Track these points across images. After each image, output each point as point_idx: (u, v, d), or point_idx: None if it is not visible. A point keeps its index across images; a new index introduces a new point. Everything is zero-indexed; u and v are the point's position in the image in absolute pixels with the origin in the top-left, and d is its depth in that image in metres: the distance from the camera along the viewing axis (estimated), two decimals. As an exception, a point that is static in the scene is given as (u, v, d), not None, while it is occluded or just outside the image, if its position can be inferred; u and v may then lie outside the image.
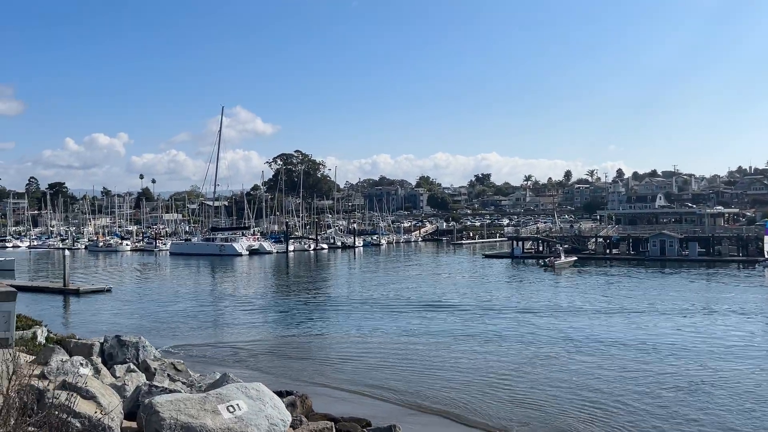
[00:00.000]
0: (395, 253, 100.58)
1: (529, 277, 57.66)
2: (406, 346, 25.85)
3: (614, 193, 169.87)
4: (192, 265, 79.07)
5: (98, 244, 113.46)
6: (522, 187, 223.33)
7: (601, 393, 18.58)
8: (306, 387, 18.21)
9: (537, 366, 22.09)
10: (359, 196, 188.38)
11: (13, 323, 8.80)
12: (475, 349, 24.92)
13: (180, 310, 38.61)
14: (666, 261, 69.50)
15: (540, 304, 38.52)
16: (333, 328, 30.88)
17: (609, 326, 30.28)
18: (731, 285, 48.75)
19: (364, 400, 18.23)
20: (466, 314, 34.34)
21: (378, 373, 21.34)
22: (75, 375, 8.60)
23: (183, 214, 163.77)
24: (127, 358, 11.75)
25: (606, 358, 23.27)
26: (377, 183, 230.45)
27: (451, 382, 19.87)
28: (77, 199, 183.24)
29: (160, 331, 30.43)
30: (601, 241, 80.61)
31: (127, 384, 9.64)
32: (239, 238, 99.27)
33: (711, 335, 27.77)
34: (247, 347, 26.24)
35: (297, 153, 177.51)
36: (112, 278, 60.67)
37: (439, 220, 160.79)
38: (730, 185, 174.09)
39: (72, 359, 9.60)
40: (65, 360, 9.35)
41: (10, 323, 8.74)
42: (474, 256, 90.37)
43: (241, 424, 8.00)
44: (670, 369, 21.46)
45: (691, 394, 18.45)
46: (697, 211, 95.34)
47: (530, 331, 28.71)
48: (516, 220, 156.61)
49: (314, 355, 24.91)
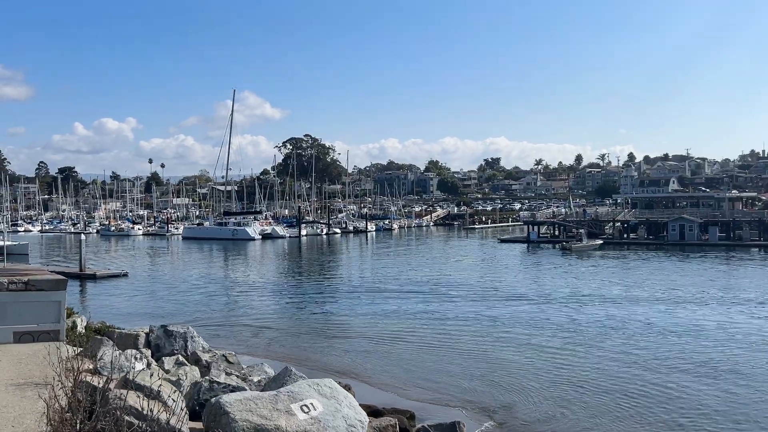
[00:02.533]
0: (408, 237, 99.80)
1: (551, 261, 56.69)
2: (443, 336, 25.07)
3: (627, 177, 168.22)
4: (205, 249, 78.60)
5: (110, 228, 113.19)
6: (532, 171, 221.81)
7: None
8: (339, 377, 17.57)
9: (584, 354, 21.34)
10: (369, 181, 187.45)
11: (63, 314, 8.08)
12: (523, 339, 24.13)
13: (199, 295, 38.13)
14: (686, 246, 68.46)
15: (580, 292, 37.09)
16: (358, 316, 30.04)
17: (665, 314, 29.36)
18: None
19: (398, 391, 17.46)
20: (497, 302, 33.55)
21: (413, 363, 20.64)
22: (133, 371, 7.88)
23: (193, 198, 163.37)
24: (175, 350, 11.04)
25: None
26: (386, 167, 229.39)
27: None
28: (87, 183, 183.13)
29: (182, 316, 29.95)
30: (619, 226, 79.56)
31: (181, 379, 8.93)
32: (252, 222, 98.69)
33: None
34: (269, 333, 25.66)
35: (307, 137, 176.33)
36: (127, 263, 60.24)
37: (449, 205, 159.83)
38: (744, 169, 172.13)
39: (126, 353, 8.90)
40: (118, 353, 8.65)
41: (60, 314, 8.02)
42: (488, 240, 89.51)
43: (317, 426, 7.27)
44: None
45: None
46: (715, 195, 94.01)
47: (571, 319, 27.94)
48: (528, 204, 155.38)
49: (338, 343, 24.14)
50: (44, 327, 7.91)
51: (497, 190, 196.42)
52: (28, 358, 6.97)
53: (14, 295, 7.73)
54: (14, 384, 5.75)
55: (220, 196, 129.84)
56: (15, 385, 5.72)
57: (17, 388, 5.66)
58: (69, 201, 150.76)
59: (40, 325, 7.88)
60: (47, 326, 7.93)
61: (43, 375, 6.23)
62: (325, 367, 20.03)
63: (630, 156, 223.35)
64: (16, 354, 7.13)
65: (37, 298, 7.85)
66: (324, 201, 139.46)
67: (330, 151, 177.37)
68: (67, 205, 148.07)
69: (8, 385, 5.74)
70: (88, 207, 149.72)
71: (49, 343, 7.75)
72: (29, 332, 7.82)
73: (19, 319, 7.76)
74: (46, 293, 7.92)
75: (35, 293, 7.84)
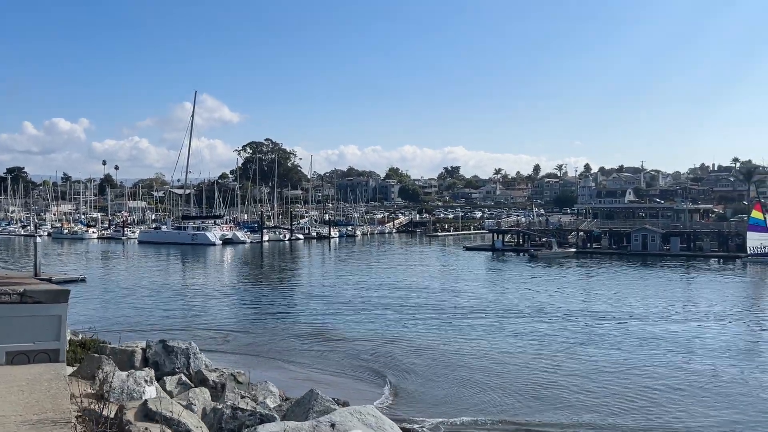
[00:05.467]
0: (372, 244, 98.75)
1: (519, 269, 56.56)
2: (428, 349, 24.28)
3: (585, 187, 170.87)
4: (163, 254, 76.21)
5: (63, 231, 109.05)
6: (492, 180, 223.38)
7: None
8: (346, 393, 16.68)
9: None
10: (330, 187, 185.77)
11: (64, 331, 6.87)
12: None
13: (161, 300, 37.00)
14: (648, 255, 69.32)
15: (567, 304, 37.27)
16: (351, 326, 29.02)
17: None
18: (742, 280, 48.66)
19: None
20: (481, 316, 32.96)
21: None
22: (143, 396, 6.75)
23: (148, 202, 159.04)
24: (177, 368, 9.85)
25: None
26: (346, 174, 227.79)
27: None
28: (37, 184, 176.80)
29: (147, 323, 28.62)
30: (582, 235, 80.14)
31: (193, 404, 7.80)
32: (212, 227, 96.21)
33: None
34: (244, 343, 24.59)
35: (267, 141, 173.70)
36: (83, 267, 57.77)
37: (411, 212, 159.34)
38: (696, 182, 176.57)
39: (135, 375, 7.72)
40: (125, 375, 7.47)
41: (60, 331, 6.82)
42: (452, 248, 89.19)
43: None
44: None
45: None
46: (674, 207, 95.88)
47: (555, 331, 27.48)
48: (488, 213, 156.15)
49: (330, 354, 23.15)
50: (41, 346, 6.69)
51: (457, 198, 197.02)
52: (30, 385, 5.79)
53: (7, 308, 6.51)
54: (27, 422, 4.63)
55: (177, 199, 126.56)
56: (29, 423, 4.60)
57: (32, 427, 4.54)
58: (18, 202, 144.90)
59: (36, 344, 6.66)
60: (45, 345, 6.71)
61: (56, 408, 5.10)
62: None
63: (586, 167, 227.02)
64: (13, 379, 5.94)
65: (34, 311, 6.64)
66: (285, 206, 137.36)
67: (291, 156, 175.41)
68: (16, 207, 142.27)
69: (21, 423, 4.61)
70: (38, 209, 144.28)
71: (47, 365, 6.57)
72: (24, 352, 6.59)
73: (13, 336, 6.54)
74: (45, 306, 6.71)
75: (32, 306, 6.63)
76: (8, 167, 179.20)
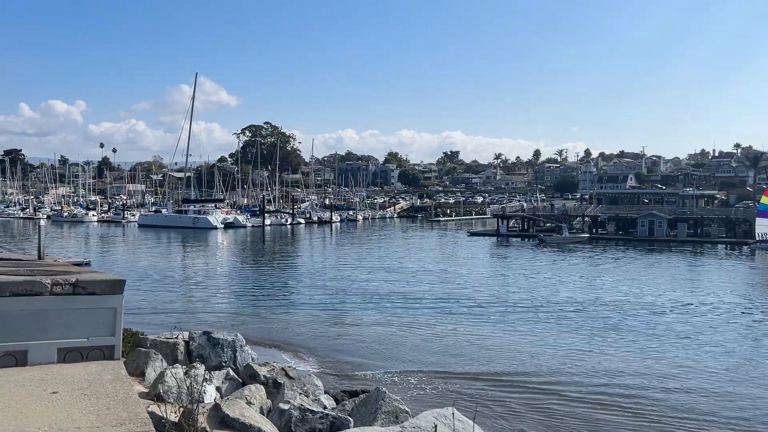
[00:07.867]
0: (374, 229, 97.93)
1: (536, 255, 55.80)
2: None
3: (586, 173, 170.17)
4: (165, 238, 75.45)
5: (62, 214, 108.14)
6: (492, 165, 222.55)
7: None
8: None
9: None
10: (329, 171, 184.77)
11: (119, 325, 6.20)
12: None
13: (170, 284, 36.25)
14: (654, 241, 68.84)
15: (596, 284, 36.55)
16: (368, 316, 28.29)
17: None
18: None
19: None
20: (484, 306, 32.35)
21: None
22: (205, 396, 6.08)
23: (147, 185, 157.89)
24: (223, 362, 9.19)
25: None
26: (345, 158, 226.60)
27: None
28: (35, 167, 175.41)
29: (161, 311, 27.90)
30: (588, 221, 79.62)
31: (251, 402, 7.15)
32: (213, 210, 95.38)
33: None
34: (250, 327, 23.97)
35: (267, 125, 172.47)
36: (85, 251, 57.08)
37: (411, 197, 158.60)
38: (697, 167, 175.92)
39: (193, 374, 7.07)
40: (182, 372, 6.80)
41: (116, 326, 6.14)
42: (456, 233, 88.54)
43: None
44: None
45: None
46: (680, 193, 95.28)
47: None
48: (490, 198, 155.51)
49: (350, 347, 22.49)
50: (96, 342, 6.00)
51: (457, 183, 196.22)
52: (92, 387, 5.12)
53: (59, 300, 5.83)
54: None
55: (177, 183, 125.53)
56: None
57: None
58: (16, 185, 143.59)
59: (90, 339, 5.98)
60: (99, 340, 6.02)
61: (133, 417, 4.43)
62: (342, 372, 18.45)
63: (587, 152, 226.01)
64: (72, 380, 5.27)
65: (88, 304, 5.95)
66: (286, 190, 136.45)
67: (291, 140, 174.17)
68: (14, 189, 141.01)
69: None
70: (37, 191, 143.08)
71: (103, 364, 5.91)
72: (77, 348, 5.92)
73: (65, 331, 5.86)
74: (99, 298, 6.02)
75: (85, 298, 5.94)
76: (5, 149, 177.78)
